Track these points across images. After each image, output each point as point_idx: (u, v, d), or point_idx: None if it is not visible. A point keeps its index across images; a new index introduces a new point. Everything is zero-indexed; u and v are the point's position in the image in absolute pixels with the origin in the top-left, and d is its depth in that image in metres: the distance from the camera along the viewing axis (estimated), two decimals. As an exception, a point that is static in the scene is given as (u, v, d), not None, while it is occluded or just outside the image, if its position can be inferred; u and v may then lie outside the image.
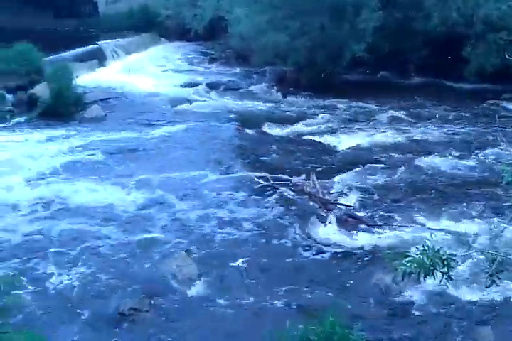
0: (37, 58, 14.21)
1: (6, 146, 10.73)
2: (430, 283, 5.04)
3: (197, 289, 6.38)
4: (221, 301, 6.13)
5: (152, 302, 6.05)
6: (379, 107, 13.99)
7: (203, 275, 6.57)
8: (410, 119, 13.08)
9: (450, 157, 10.49)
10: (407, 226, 7.59)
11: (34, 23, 22.45)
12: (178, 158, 10.42)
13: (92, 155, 10.36)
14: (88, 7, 23.86)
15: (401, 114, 13.46)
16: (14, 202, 8.27)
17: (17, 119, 12.63)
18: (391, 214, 8.11)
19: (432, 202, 8.56)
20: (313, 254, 7.07)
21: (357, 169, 9.69)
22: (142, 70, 17.84)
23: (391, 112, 13.54)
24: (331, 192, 8.81)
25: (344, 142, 11.27)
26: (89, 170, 9.69)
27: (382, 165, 9.98)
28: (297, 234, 7.48)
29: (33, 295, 6.02)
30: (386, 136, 11.72)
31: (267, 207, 8.28)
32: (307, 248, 7.19)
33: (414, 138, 11.76)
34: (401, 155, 10.59)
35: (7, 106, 13.00)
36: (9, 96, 13.26)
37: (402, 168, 9.87)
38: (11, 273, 5.55)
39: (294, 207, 8.17)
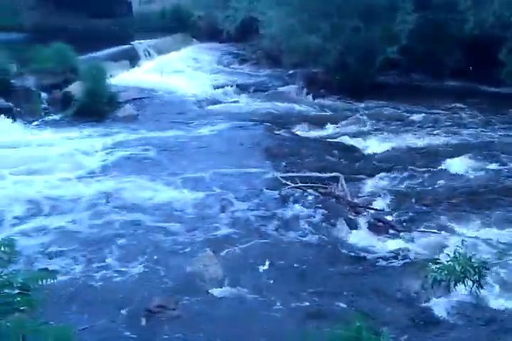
0: (72, 57, 14.52)
1: (41, 143, 11.03)
2: (460, 291, 4.95)
3: (222, 289, 6.40)
4: (246, 302, 6.15)
5: (179, 300, 6.12)
6: (411, 110, 13.81)
7: (228, 276, 6.60)
8: (442, 123, 12.87)
9: (482, 162, 10.28)
10: (437, 232, 7.47)
11: (69, 23, 22.95)
12: (207, 158, 10.49)
13: (128, 153, 10.62)
14: (122, 7, 24.23)
15: (433, 117, 13.26)
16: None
17: (52, 117, 12.99)
18: (421, 219, 7.98)
19: (463, 208, 8.40)
20: (341, 258, 7.01)
21: (387, 173, 9.57)
22: (174, 70, 18.03)
23: (423, 116, 13.35)
24: (360, 195, 8.75)
25: (374, 145, 11.16)
26: (126, 167, 9.96)
27: (413, 169, 9.82)
28: (324, 237, 7.44)
29: (64, 287, 6.15)
30: (417, 140, 11.57)
31: (294, 210, 8.26)
32: (334, 251, 7.14)
33: (446, 142, 11.56)
34: (432, 160, 10.43)
35: (42, 104, 13.35)
36: (44, 95, 13.61)
37: (433, 172, 9.73)
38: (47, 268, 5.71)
39: (321, 210, 8.11)
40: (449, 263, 3.58)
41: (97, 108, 13.06)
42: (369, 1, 14.49)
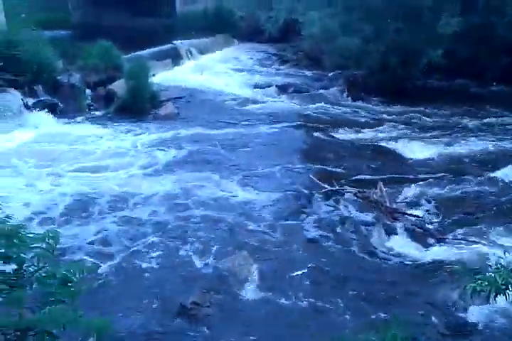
0: (116, 55, 14.82)
1: (86, 139, 11.37)
2: (500, 302, 4.81)
3: (256, 289, 6.41)
4: (278, 304, 6.12)
5: (213, 298, 6.16)
6: (454, 116, 13.51)
7: (262, 277, 6.60)
8: (487, 130, 12.52)
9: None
10: (478, 242, 7.26)
11: (115, 21, 23.44)
12: (244, 158, 10.53)
13: (168, 150, 10.85)
14: (166, 7, 24.56)
15: (477, 123, 12.93)
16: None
17: (95, 113, 13.33)
18: (461, 228, 7.76)
19: (506, 218, 8.14)
20: (377, 264, 6.91)
21: (427, 179, 9.34)
22: (215, 70, 18.19)
23: (467, 121, 13.05)
24: (399, 201, 8.58)
25: (415, 150, 10.93)
26: (168, 163, 10.17)
27: (456, 176, 9.57)
28: (361, 242, 7.34)
29: (104, 279, 6.31)
30: (460, 147, 11.28)
31: (330, 213, 8.18)
32: (370, 257, 7.04)
33: (489, 149, 11.23)
34: (475, 167, 10.16)
35: (87, 101, 13.68)
36: (89, 91, 13.95)
37: (475, 180, 9.44)
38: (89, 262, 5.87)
39: (358, 215, 8.01)
40: (490, 274, 3.50)
41: (139, 105, 13.32)
42: (413, 2, 14.24)
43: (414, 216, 8.02)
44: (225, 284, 6.45)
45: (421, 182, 9.25)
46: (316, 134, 11.96)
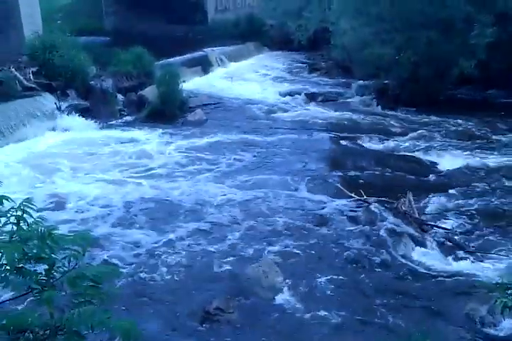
0: (148, 62, 15.09)
1: (116, 142, 11.65)
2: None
3: (280, 297, 6.38)
4: (303, 312, 6.08)
5: (237, 304, 6.15)
6: (485, 127, 13.23)
7: (287, 285, 6.56)
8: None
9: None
10: (508, 256, 7.08)
11: (148, 28, 23.88)
12: (271, 165, 10.56)
13: (197, 154, 11.05)
14: (199, 15, 24.94)
15: (509, 135, 12.64)
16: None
17: (126, 118, 13.57)
18: (492, 241, 7.57)
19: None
20: (404, 275, 6.78)
21: (458, 191, 9.14)
22: (244, 78, 18.34)
23: (498, 133, 12.77)
24: (427, 212, 8.43)
25: (445, 161, 10.74)
26: (196, 167, 10.36)
27: (487, 189, 9.37)
28: (388, 253, 7.22)
29: (130, 282, 6.38)
30: (491, 158, 11.03)
31: (357, 223, 8.09)
32: (398, 268, 6.92)
33: (521, 162, 11.00)
34: (506, 179, 9.92)
35: (118, 106, 13.93)
36: (120, 96, 14.21)
37: (506, 192, 9.23)
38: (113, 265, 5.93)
39: (386, 225, 7.89)
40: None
41: (169, 111, 13.53)
42: (446, 13, 14.08)
43: (443, 228, 7.87)
44: (249, 291, 6.44)
45: (450, 194, 9.08)
46: (344, 142, 11.90)
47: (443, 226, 7.93)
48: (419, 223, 7.89)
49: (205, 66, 18.83)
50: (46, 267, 2.87)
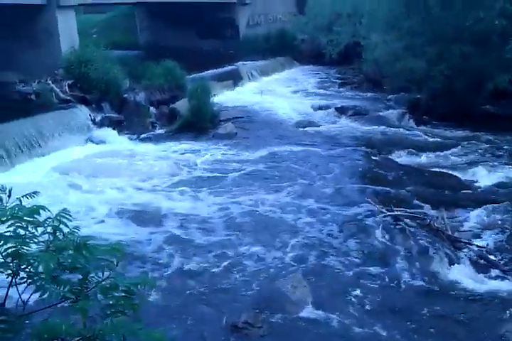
0: (180, 76, 15.33)
1: (149, 155, 11.87)
2: None
3: (309, 313, 6.30)
4: (331, 328, 5.98)
5: (265, 318, 6.10)
6: (521, 143, 12.95)
7: (316, 300, 6.48)
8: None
9: None
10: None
11: (180, 43, 24.32)
12: (301, 178, 10.52)
13: (228, 168, 11.16)
14: (230, 30, 25.27)
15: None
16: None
17: (158, 131, 13.78)
18: (529, 260, 7.38)
19: None
20: (435, 294, 6.60)
21: (493, 207, 8.85)
22: (274, 92, 18.42)
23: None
24: (461, 229, 8.23)
25: (479, 177, 10.46)
26: (226, 181, 10.45)
27: (523, 207, 9.15)
28: (420, 270, 7.05)
29: (157, 294, 6.39)
30: (527, 175, 10.78)
31: (388, 239, 7.92)
32: (429, 287, 6.74)
33: None
34: (544, 196, 9.65)
35: (150, 119, 14.16)
36: (153, 109, 14.45)
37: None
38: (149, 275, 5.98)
39: (418, 242, 7.69)
40: None
41: (200, 124, 13.69)
42: (481, 26, 13.90)
43: (477, 246, 7.66)
44: (278, 305, 6.38)
45: (485, 211, 8.82)
46: (375, 157, 11.77)
47: (477, 243, 7.72)
48: (452, 240, 7.71)
49: (236, 80, 19.02)
50: (80, 277, 2.91)
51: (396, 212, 8.53)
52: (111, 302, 2.92)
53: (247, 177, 10.63)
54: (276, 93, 18.35)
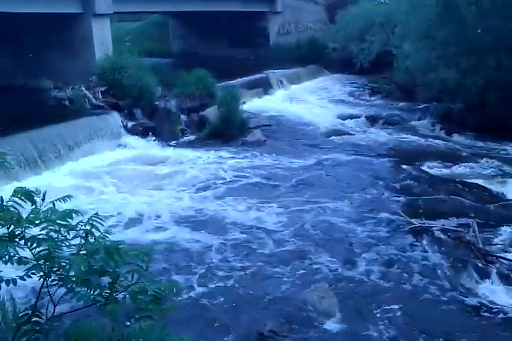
0: (210, 83, 15.46)
1: (179, 161, 12.02)
2: None
3: (335, 323, 6.22)
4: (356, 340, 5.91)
5: (291, 327, 6.05)
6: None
7: (342, 311, 6.39)
8: None
9: None
10: None
11: (211, 51, 24.59)
12: (329, 188, 10.44)
13: (256, 175, 11.18)
14: (261, 38, 25.43)
15: None
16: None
17: (188, 137, 13.92)
18: None
19: None
20: (466, 309, 6.42)
21: (526, 221, 8.72)
22: (304, 100, 18.41)
23: None
24: (493, 243, 8.03)
25: (512, 190, 10.29)
26: (254, 189, 10.50)
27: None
28: (449, 284, 6.88)
29: (184, 300, 6.41)
30: None
31: (417, 251, 7.79)
32: (459, 302, 6.56)
33: None
34: None
35: (180, 126, 14.32)
36: (183, 116, 14.60)
37: None
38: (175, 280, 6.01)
39: (448, 255, 7.53)
40: None
41: (229, 132, 13.77)
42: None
43: (509, 260, 7.45)
44: (304, 315, 6.32)
45: (518, 224, 8.62)
46: (405, 167, 11.60)
47: (509, 257, 7.51)
48: (483, 254, 7.51)
49: (265, 88, 19.08)
50: (110, 280, 2.95)
51: (426, 224, 8.39)
52: (140, 307, 2.94)
53: (275, 186, 10.61)
54: (306, 101, 18.33)
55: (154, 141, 13.16)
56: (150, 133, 13.27)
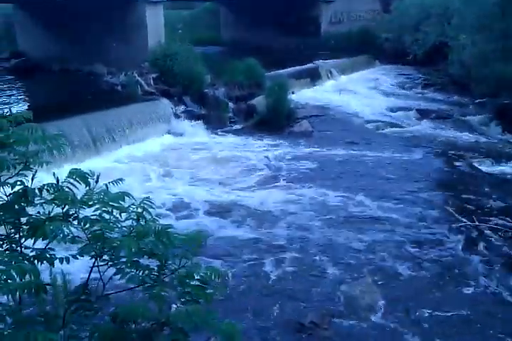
0: (260, 72, 15.41)
1: (226, 149, 12.15)
2: None
3: (377, 319, 6.12)
4: (398, 336, 5.79)
5: (332, 320, 6.01)
6: None
7: (385, 307, 6.29)
8: None
9: None
10: None
11: (262, 39, 24.49)
12: (378, 182, 10.26)
13: (303, 166, 11.15)
14: (312, 27, 25.10)
15: None
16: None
17: (235, 126, 14.00)
18: None
19: None
20: (514, 311, 6.25)
21: None
22: (353, 91, 18.09)
23: None
24: (548, 244, 7.71)
25: None
26: (300, 178, 10.46)
27: None
28: (500, 287, 6.62)
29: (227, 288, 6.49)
30: None
31: (466, 250, 7.54)
32: (508, 302, 6.38)
33: None
34: None
35: (228, 114, 14.39)
36: (231, 105, 14.66)
37: None
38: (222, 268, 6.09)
39: (500, 256, 7.29)
40: None
41: (276, 121, 13.74)
42: None
43: None
44: (346, 309, 6.26)
45: None
46: (456, 163, 11.25)
47: None
48: (537, 255, 7.23)
49: (314, 78, 18.86)
50: (158, 263, 2.99)
51: (477, 223, 8.13)
52: (186, 290, 2.98)
53: (318, 176, 10.53)
54: (355, 92, 18.02)
55: (203, 128, 13.29)
56: (199, 121, 13.41)
